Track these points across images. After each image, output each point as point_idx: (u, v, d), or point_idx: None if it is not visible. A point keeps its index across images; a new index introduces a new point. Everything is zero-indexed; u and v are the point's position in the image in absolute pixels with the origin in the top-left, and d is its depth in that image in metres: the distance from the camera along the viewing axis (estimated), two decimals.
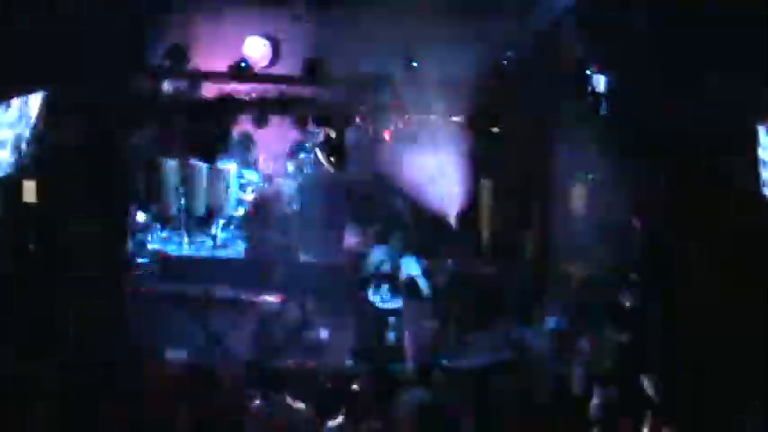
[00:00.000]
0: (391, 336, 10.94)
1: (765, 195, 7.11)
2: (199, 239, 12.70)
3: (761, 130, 7.04)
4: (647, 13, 9.60)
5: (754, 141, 7.12)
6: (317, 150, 12.82)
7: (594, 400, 7.92)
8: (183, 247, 12.76)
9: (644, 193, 9.55)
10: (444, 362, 8.65)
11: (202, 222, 13.04)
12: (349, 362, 10.55)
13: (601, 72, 10.25)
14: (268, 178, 13.61)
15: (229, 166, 13.11)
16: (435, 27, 11.89)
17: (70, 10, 7.95)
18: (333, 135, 12.64)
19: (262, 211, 12.94)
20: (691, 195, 8.83)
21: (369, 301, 10.83)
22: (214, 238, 12.29)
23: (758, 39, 7.53)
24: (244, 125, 12.74)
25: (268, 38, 11.27)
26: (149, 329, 10.28)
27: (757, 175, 7.17)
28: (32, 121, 7.09)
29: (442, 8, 11.95)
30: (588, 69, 10.03)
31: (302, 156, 13.06)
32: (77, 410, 7.06)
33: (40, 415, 6.98)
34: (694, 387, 8.04)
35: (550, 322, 10.86)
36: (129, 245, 9.74)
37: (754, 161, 7.19)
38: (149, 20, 10.41)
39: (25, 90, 6.94)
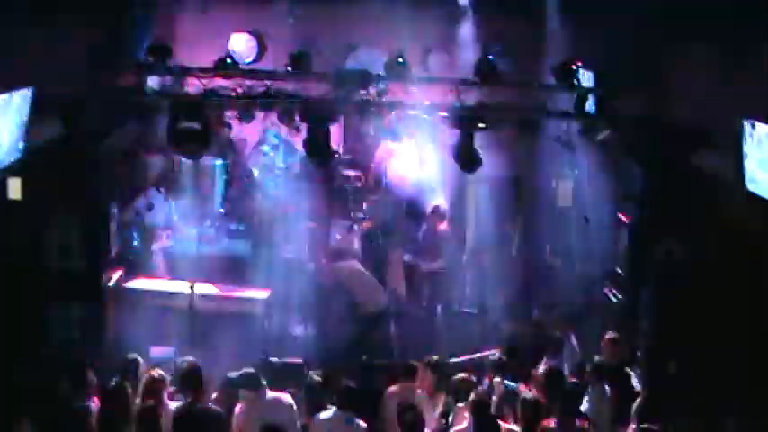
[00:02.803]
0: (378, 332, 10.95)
1: (749, 190, 7.13)
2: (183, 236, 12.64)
3: (746, 125, 7.06)
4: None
5: (739, 136, 7.14)
6: (302, 146, 12.79)
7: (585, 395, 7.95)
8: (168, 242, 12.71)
9: (628, 189, 9.59)
10: (433, 358, 8.62)
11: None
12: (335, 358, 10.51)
13: (587, 68, 10.27)
14: (249, 174, 13.57)
15: (214, 162, 13.06)
16: (421, 22, 11.94)
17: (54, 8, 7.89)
18: (318, 130, 12.62)
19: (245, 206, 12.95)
20: (675, 190, 8.86)
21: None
22: (199, 233, 12.19)
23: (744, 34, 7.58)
24: (228, 121, 12.77)
25: (253, 33, 11.23)
26: (134, 328, 10.22)
27: (742, 170, 7.20)
28: (16, 118, 7.02)
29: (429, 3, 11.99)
30: (575, 65, 10.02)
31: (275, 151, 13.04)
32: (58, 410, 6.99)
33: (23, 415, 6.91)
34: (680, 380, 8.07)
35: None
36: (115, 241, 9.65)
37: (738, 156, 7.21)
38: (133, 16, 10.35)
39: (8, 87, 6.87)
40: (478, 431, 7.11)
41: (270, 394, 7.49)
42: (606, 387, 7.99)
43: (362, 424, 7.35)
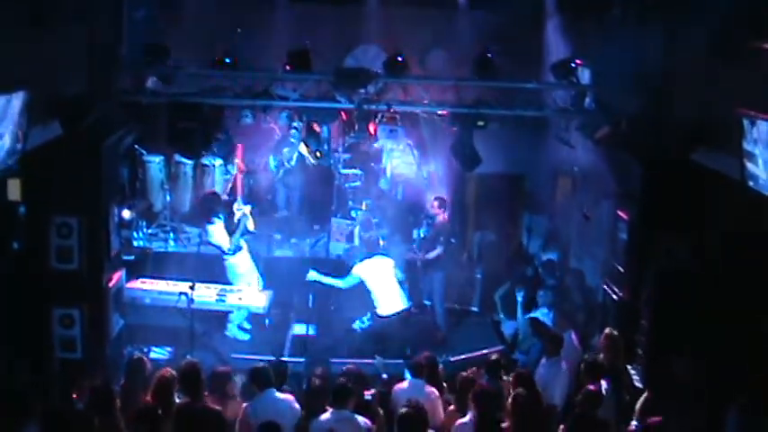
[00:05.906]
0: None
1: (750, 187, 7.12)
2: (184, 235, 12.67)
3: (745, 121, 7.05)
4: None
5: (738, 133, 7.13)
6: (302, 144, 12.81)
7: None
8: (168, 243, 12.72)
9: (628, 186, 9.58)
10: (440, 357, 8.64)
11: (188, 218, 13.01)
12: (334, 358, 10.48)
13: (585, 65, 10.27)
14: (251, 173, 13.56)
15: (214, 162, 13.07)
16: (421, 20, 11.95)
17: (53, 9, 7.89)
18: (317, 129, 12.64)
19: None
20: (674, 187, 8.86)
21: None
22: (200, 234, 12.20)
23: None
24: (227, 121, 12.77)
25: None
26: (134, 329, 10.23)
27: (742, 167, 7.19)
28: (15, 119, 7.01)
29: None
30: (574, 62, 10.03)
31: (286, 150, 13.03)
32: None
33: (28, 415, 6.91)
34: (682, 378, 8.06)
35: (539, 315, 10.90)
36: (115, 242, 9.62)
37: (738, 153, 7.20)
38: (132, 16, 10.36)
39: (7, 89, 6.86)
40: (480, 424, 7.07)
41: (278, 394, 7.50)
42: (603, 385, 7.95)
43: (366, 421, 7.29)
